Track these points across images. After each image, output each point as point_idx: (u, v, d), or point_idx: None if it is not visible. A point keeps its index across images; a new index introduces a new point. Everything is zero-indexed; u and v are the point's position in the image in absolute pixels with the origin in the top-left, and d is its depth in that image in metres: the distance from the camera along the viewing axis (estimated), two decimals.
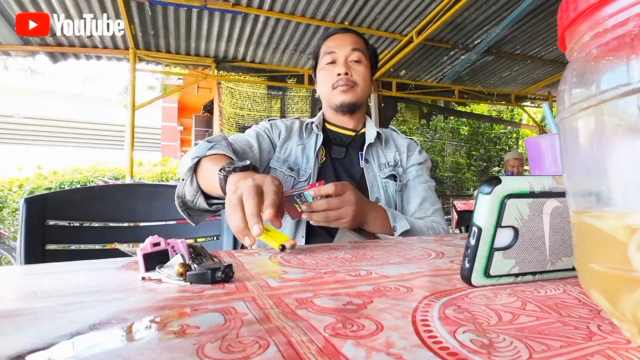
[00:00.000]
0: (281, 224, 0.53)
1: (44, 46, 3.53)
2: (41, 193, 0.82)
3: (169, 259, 0.37)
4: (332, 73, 0.96)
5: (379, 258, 0.44)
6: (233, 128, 4.48)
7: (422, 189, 0.98)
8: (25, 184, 5.75)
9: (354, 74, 0.95)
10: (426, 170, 1.03)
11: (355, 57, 0.96)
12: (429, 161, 1.07)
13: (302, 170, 0.95)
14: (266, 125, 1.01)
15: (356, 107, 0.99)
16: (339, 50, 0.96)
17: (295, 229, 0.90)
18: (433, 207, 0.96)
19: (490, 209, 0.28)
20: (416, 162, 1.02)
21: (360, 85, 0.96)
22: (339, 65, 0.95)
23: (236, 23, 3.41)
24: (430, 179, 1.03)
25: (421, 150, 1.07)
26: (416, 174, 1.01)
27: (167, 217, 0.95)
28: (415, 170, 1.01)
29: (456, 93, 5.11)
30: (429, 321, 0.22)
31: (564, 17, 0.20)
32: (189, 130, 11.05)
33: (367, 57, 0.99)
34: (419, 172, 1.01)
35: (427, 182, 1.00)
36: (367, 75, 0.98)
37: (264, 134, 0.98)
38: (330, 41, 0.99)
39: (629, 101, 0.16)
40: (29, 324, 0.23)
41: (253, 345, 0.19)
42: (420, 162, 1.03)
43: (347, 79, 0.94)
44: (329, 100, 0.99)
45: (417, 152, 1.05)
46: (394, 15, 3.40)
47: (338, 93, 0.95)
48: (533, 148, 0.48)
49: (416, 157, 1.04)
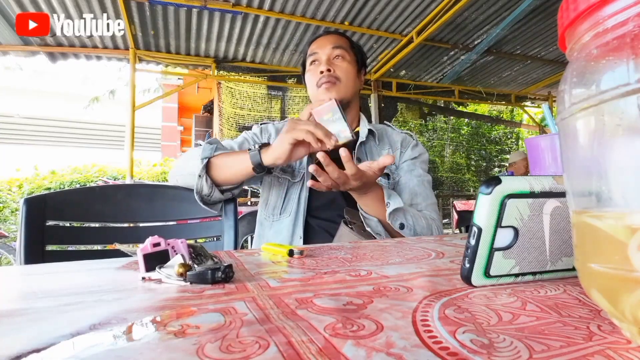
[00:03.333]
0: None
1: (44, 46, 3.53)
2: (41, 193, 0.82)
3: (169, 259, 0.37)
4: (316, 72, 0.96)
5: (379, 258, 0.44)
6: (233, 128, 4.48)
7: (414, 184, 0.95)
8: (24, 184, 5.75)
9: (337, 69, 0.95)
10: (420, 164, 1.01)
11: (337, 53, 0.96)
12: (424, 155, 1.04)
13: (297, 171, 0.95)
14: (255, 131, 1.04)
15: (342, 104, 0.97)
16: (321, 50, 0.97)
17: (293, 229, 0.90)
18: (425, 202, 0.93)
19: (490, 209, 0.28)
20: (409, 158, 1.00)
21: (343, 81, 0.95)
22: (322, 64, 0.96)
23: (236, 23, 3.41)
24: (425, 173, 1.00)
25: (416, 144, 1.04)
26: (408, 168, 0.99)
27: (167, 217, 0.95)
28: (407, 165, 0.99)
29: (456, 93, 5.11)
30: (429, 321, 0.22)
31: (564, 17, 0.20)
32: (189, 130, 11.05)
33: (351, 54, 0.99)
34: (410, 166, 0.99)
35: (420, 176, 0.97)
36: (351, 70, 0.97)
37: (250, 140, 1.00)
38: (314, 44, 1.00)
39: (629, 101, 0.16)
40: (29, 324, 0.23)
41: (253, 345, 0.19)
42: (414, 157, 1.00)
43: (329, 75, 0.94)
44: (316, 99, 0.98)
45: (411, 147, 1.03)
46: (394, 15, 3.40)
47: (323, 91, 0.95)
48: (533, 148, 0.48)
49: (410, 152, 1.01)
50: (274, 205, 0.94)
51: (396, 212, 0.80)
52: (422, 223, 0.84)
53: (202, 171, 0.83)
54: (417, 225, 0.82)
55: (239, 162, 0.81)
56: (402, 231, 0.81)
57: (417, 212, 0.86)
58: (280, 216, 0.92)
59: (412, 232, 0.82)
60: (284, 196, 0.93)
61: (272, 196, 0.96)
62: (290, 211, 0.91)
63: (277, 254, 0.50)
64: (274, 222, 0.93)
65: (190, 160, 0.90)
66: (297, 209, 0.91)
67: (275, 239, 0.91)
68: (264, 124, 1.06)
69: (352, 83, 0.98)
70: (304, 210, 0.91)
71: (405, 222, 0.81)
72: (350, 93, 0.97)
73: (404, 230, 0.81)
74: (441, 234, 0.87)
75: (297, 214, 0.91)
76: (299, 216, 0.90)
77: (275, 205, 0.94)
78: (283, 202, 0.93)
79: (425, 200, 0.93)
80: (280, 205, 0.93)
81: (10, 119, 12.92)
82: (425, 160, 1.03)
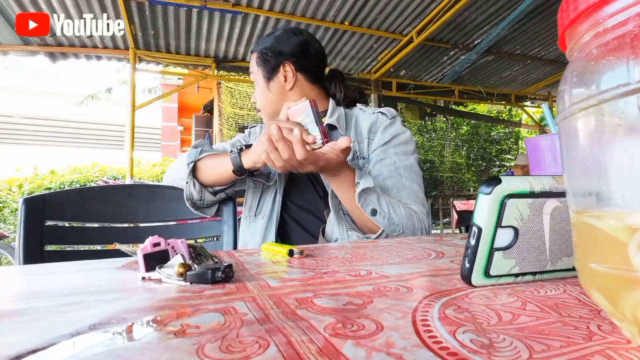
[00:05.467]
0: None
1: (44, 46, 3.53)
2: (40, 193, 0.82)
3: (169, 259, 0.37)
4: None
5: (379, 258, 0.44)
6: (233, 128, 4.48)
7: (384, 177, 0.81)
8: (24, 184, 5.75)
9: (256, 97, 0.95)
10: (395, 148, 0.84)
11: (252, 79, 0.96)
12: (402, 135, 0.86)
13: (272, 174, 0.93)
14: (245, 134, 1.05)
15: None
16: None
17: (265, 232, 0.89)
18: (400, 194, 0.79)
19: (490, 209, 0.28)
20: (379, 144, 0.85)
21: (261, 106, 0.94)
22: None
23: (236, 23, 3.40)
24: (403, 157, 0.83)
25: (391, 124, 0.87)
26: (376, 158, 0.84)
27: (167, 217, 0.95)
28: (376, 155, 0.85)
29: (456, 93, 5.11)
30: (429, 321, 0.22)
31: (564, 17, 0.20)
32: (189, 130, 11.04)
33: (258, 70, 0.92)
34: (379, 155, 0.84)
35: (392, 164, 0.82)
36: (260, 91, 0.93)
37: (242, 141, 1.00)
38: None
39: (629, 101, 0.16)
40: (29, 324, 0.23)
41: (253, 345, 0.19)
42: (385, 142, 0.85)
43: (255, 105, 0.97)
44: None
45: (381, 130, 0.86)
46: (394, 15, 3.40)
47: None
48: (533, 148, 0.48)
49: (379, 137, 0.86)
50: (250, 206, 0.94)
51: (367, 195, 0.71)
52: (401, 212, 0.74)
53: (189, 177, 0.82)
54: (393, 213, 0.73)
55: (222, 164, 0.81)
56: (375, 218, 0.71)
57: (394, 200, 0.76)
58: (255, 217, 0.92)
59: (387, 221, 0.72)
60: (259, 198, 0.93)
61: (249, 197, 0.96)
62: (264, 214, 0.91)
63: (277, 254, 0.50)
64: (250, 223, 0.93)
65: (179, 166, 0.90)
66: (271, 212, 0.90)
67: (251, 240, 0.91)
68: (252, 127, 1.07)
69: (266, 102, 0.92)
70: (277, 213, 0.89)
71: (378, 209, 0.72)
72: (271, 111, 0.92)
73: (377, 217, 0.71)
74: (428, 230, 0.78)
75: (270, 217, 0.90)
76: (272, 219, 0.89)
77: (251, 207, 0.94)
78: (258, 204, 0.93)
79: (400, 192, 0.79)
80: (255, 207, 0.93)
81: (10, 119, 12.91)
82: (404, 141, 0.86)
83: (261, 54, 0.92)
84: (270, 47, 0.91)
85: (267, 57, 0.91)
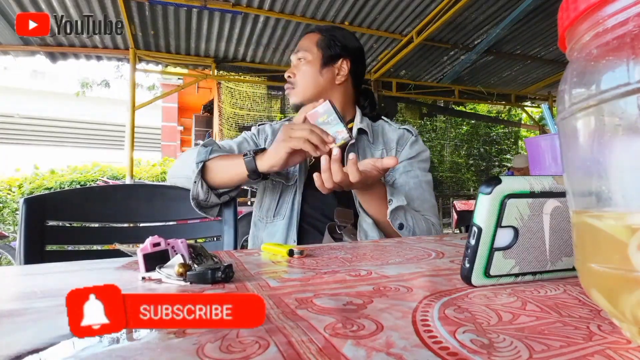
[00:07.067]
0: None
1: (44, 46, 3.54)
2: (41, 193, 0.82)
3: (169, 259, 0.37)
4: None
5: (379, 258, 0.44)
6: (233, 128, 4.49)
7: (411, 187, 0.89)
8: (24, 184, 5.75)
9: (297, 73, 0.93)
10: (419, 164, 0.94)
11: (299, 56, 0.95)
12: (424, 153, 0.96)
13: (291, 174, 0.93)
14: (253, 132, 1.03)
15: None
16: (294, 54, 0.97)
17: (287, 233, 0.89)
18: (423, 206, 0.88)
19: (490, 209, 0.28)
20: (406, 157, 0.93)
21: (300, 84, 0.93)
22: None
23: (236, 23, 3.41)
24: (425, 174, 0.93)
25: (415, 141, 0.96)
26: (404, 170, 0.92)
27: (167, 217, 0.95)
28: (403, 166, 0.93)
29: (456, 93, 5.11)
30: (429, 321, 0.22)
31: (564, 17, 0.20)
32: (189, 130, 11.04)
33: (315, 51, 0.94)
34: (407, 167, 0.92)
35: (417, 177, 0.91)
36: (309, 71, 0.92)
37: (250, 141, 0.99)
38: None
39: (629, 101, 0.16)
40: (29, 324, 0.23)
41: (253, 345, 0.19)
42: (411, 157, 0.94)
43: (288, 82, 0.95)
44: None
45: (409, 144, 0.95)
46: (394, 15, 3.40)
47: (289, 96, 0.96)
48: (533, 148, 0.48)
49: (407, 151, 0.94)
50: (268, 207, 0.93)
51: (397, 211, 0.77)
52: (422, 226, 0.82)
53: (197, 177, 0.81)
54: (416, 227, 0.80)
55: (234, 167, 0.79)
56: (401, 232, 0.79)
57: (418, 214, 0.84)
58: (273, 219, 0.91)
59: (410, 233, 0.80)
60: (278, 199, 0.92)
61: (266, 198, 0.95)
62: (284, 214, 0.90)
63: (277, 254, 0.50)
64: (267, 224, 0.92)
65: (186, 163, 0.89)
66: (291, 213, 0.90)
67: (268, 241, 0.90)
68: (261, 124, 1.05)
69: (312, 83, 0.93)
70: (297, 214, 0.89)
71: (405, 223, 0.79)
72: (310, 94, 0.92)
73: (403, 230, 0.79)
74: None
75: (290, 218, 0.89)
76: (293, 220, 0.89)
77: (269, 208, 0.93)
78: (277, 205, 0.92)
79: (423, 204, 0.89)
80: (274, 208, 0.92)
81: (10, 119, 12.91)
82: (425, 158, 0.96)
83: (330, 39, 0.95)
84: (338, 38, 0.96)
85: (334, 44, 0.95)
